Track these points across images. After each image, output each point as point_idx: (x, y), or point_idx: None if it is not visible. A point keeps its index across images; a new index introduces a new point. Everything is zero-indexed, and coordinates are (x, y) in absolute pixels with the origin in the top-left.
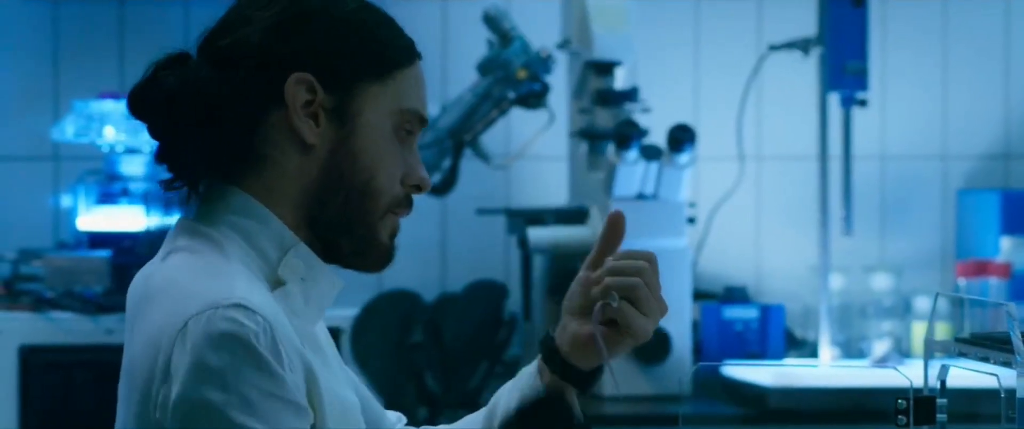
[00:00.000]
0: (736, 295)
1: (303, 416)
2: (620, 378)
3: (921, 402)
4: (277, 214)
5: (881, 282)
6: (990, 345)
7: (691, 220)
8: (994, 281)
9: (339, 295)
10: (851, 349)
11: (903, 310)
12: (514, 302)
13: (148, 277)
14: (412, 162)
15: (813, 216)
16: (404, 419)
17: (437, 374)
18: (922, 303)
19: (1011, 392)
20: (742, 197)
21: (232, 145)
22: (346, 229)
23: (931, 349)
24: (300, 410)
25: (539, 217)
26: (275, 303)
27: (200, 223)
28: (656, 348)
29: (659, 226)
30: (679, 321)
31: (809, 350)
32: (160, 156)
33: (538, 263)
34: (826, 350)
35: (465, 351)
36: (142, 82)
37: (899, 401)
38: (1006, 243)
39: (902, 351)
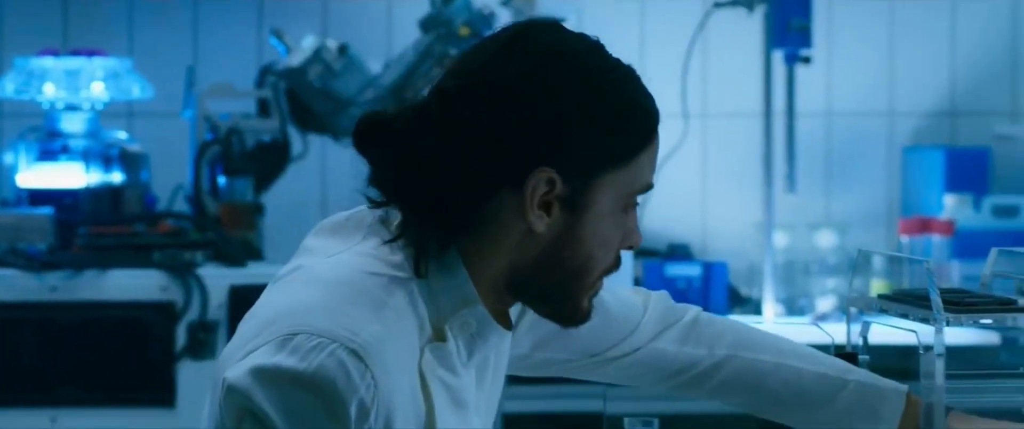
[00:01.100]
0: (679, 252)
1: None
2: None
3: (843, 358)
4: (475, 274)
5: (826, 239)
6: (910, 302)
7: None
8: (937, 238)
9: None
10: (795, 306)
11: (847, 267)
12: None
13: (330, 254)
14: (630, 225)
15: (758, 173)
16: None
17: None
18: (872, 259)
19: (929, 348)
20: (687, 154)
21: (457, 207)
22: (548, 300)
23: (853, 306)
24: None
25: None
26: (413, 357)
27: (396, 248)
28: None
29: None
30: (620, 278)
31: (753, 307)
32: (377, 183)
33: None
34: (770, 307)
35: None
36: (375, 115)
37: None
38: (949, 200)
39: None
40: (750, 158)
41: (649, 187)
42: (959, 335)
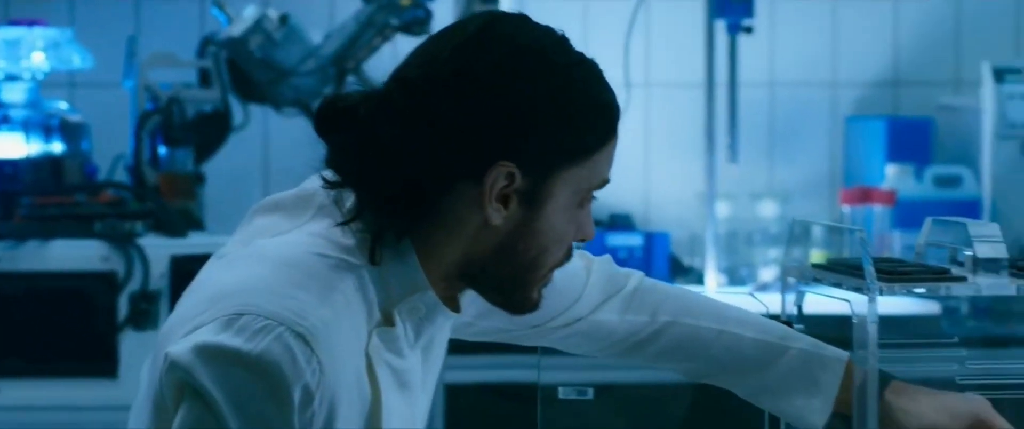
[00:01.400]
0: (620, 222)
1: None
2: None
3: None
4: (428, 262)
5: (768, 209)
6: (843, 271)
7: None
8: (878, 208)
9: None
10: (736, 276)
11: (802, 238)
12: None
13: (278, 232)
14: (584, 218)
15: (701, 144)
16: None
17: None
18: (815, 230)
19: (862, 318)
20: (630, 124)
21: (415, 197)
22: (500, 290)
23: (789, 276)
24: None
25: None
26: (360, 341)
27: (348, 231)
28: None
29: None
30: None
31: (695, 277)
32: (335, 166)
33: None
34: (712, 277)
35: None
36: (337, 99)
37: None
38: (891, 170)
39: None
40: (692, 128)
41: (606, 182)
42: (899, 305)
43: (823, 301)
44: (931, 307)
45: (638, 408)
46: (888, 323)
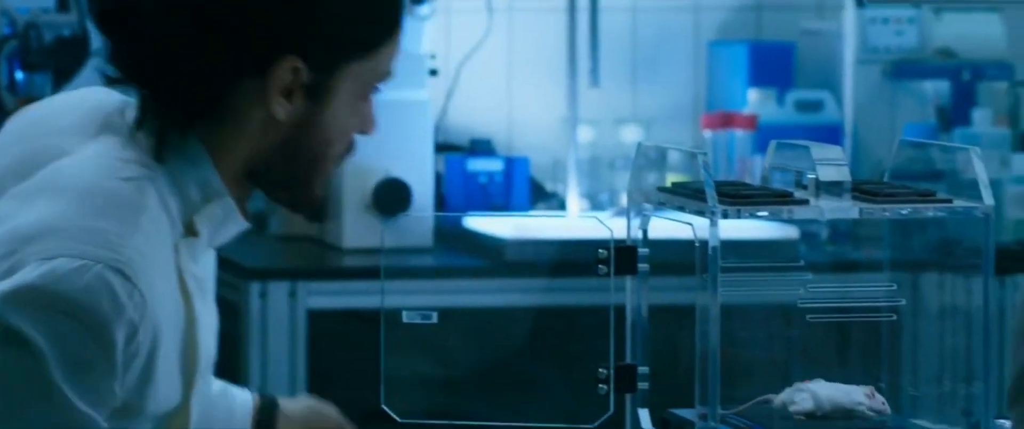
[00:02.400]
0: (481, 147)
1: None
2: (360, 229)
3: (623, 252)
4: (221, 166)
5: (630, 134)
6: (687, 194)
7: (433, 72)
8: (739, 133)
9: None
10: (598, 201)
11: (659, 163)
12: None
13: (63, 153)
14: (367, 112)
15: (564, 68)
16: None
17: None
18: (673, 156)
19: (704, 242)
20: (492, 49)
21: (200, 93)
22: (286, 187)
23: (634, 200)
24: (93, 421)
25: None
26: (171, 258)
27: (138, 142)
28: (395, 199)
29: (399, 78)
30: (420, 173)
31: (557, 202)
32: (118, 63)
33: None
34: (573, 201)
35: None
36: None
37: (600, 251)
38: (753, 95)
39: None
40: (556, 53)
41: (389, 75)
42: (757, 229)
43: (669, 226)
44: (789, 231)
45: (481, 332)
46: (742, 247)
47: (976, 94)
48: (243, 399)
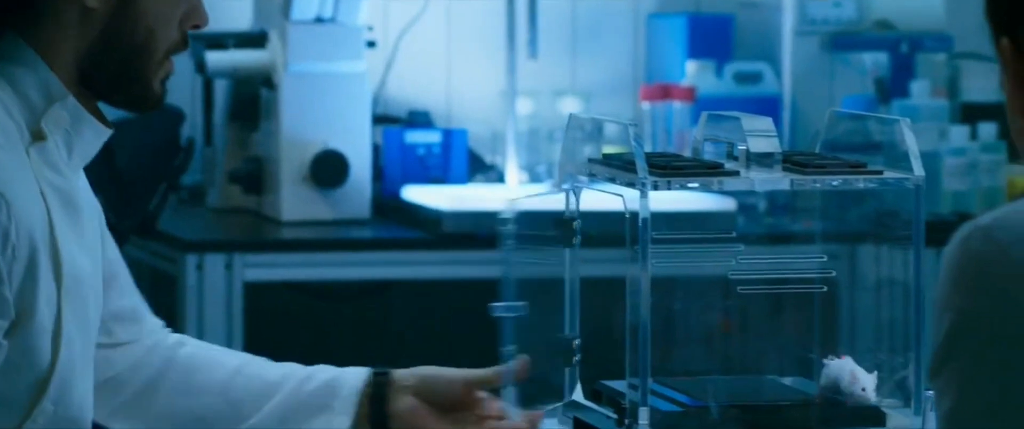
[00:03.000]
0: (419, 120)
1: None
2: (298, 202)
3: (560, 223)
4: (54, 69)
5: (570, 106)
6: (618, 166)
7: (371, 44)
8: (677, 105)
9: None
10: (537, 173)
11: (590, 135)
12: (193, 127)
13: None
14: (193, 2)
15: (503, 40)
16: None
17: (111, 200)
18: (611, 128)
19: (635, 214)
20: (431, 20)
21: None
22: (120, 85)
23: (567, 172)
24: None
25: (219, 41)
26: (25, 162)
27: None
28: (333, 171)
29: (337, 50)
30: (357, 145)
31: (496, 175)
32: None
33: (220, 88)
34: (512, 174)
35: (140, 177)
36: None
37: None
38: (691, 67)
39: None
40: (494, 25)
41: None
42: (694, 201)
43: (605, 198)
44: (727, 204)
45: (420, 304)
46: (678, 219)
47: (915, 66)
48: (354, 374)
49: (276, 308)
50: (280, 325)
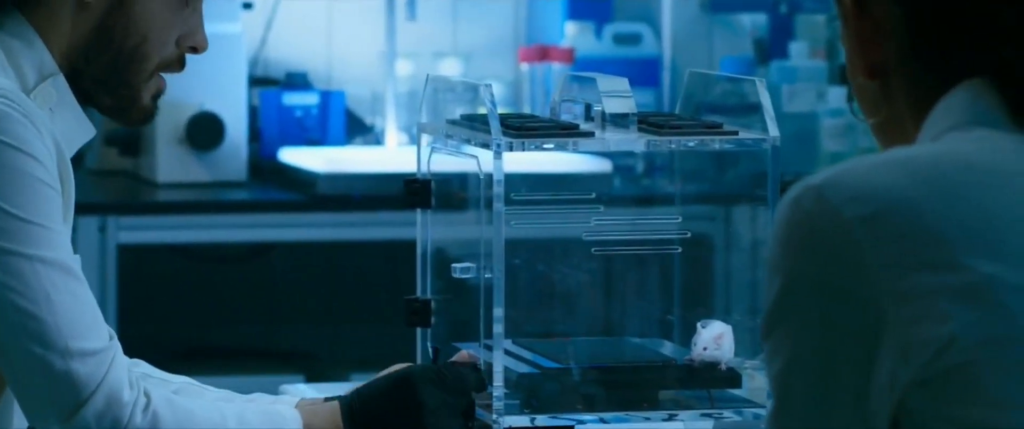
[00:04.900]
0: (297, 81)
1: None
2: (174, 164)
3: (415, 185)
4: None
5: (450, 68)
6: (473, 127)
7: (247, 5)
8: (556, 66)
9: None
10: (416, 135)
11: (472, 96)
12: None
13: None
14: (193, 24)
15: (382, 1)
16: None
17: None
18: (484, 90)
19: (489, 175)
20: None
21: None
22: (108, 88)
23: (425, 133)
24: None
25: None
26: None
27: None
28: (208, 134)
29: (212, 11)
30: (234, 107)
31: (375, 137)
32: None
33: None
34: (392, 135)
35: None
36: None
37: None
38: (570, 28)
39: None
40: None
41: None
42: (567, 162)
43: (458, 160)
44: (603, 165)
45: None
46: (543, 181)
47: (794, 27)
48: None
49: (152, 272)
50: (157, 288)
